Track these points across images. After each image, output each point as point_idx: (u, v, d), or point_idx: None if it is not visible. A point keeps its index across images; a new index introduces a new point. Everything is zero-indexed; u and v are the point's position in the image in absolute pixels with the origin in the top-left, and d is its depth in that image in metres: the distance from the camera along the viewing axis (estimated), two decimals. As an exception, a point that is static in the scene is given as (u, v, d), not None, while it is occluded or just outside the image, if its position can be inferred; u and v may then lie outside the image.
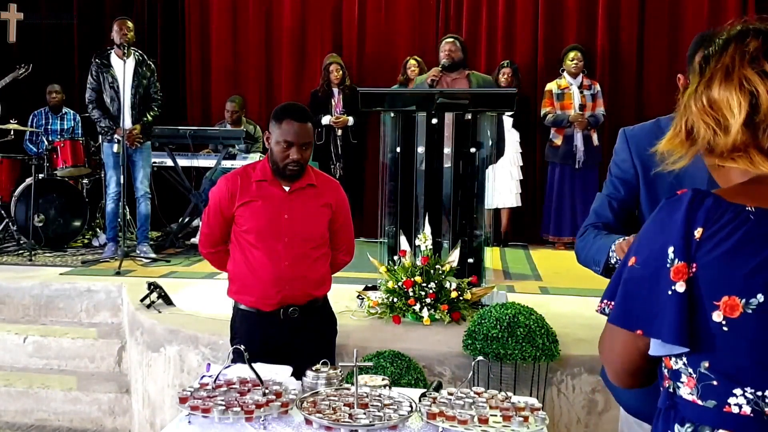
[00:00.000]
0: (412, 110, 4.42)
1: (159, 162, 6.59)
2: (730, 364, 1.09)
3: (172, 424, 2.20)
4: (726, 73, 1.12)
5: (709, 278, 1.08)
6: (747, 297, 1.07)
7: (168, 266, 5.75)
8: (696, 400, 1.13)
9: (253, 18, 8.17)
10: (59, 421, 4.50)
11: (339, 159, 7.09)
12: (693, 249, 1.09)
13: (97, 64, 5.98)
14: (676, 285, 1.09)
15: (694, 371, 1.13)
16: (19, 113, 7.13)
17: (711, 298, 1.08)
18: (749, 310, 1.07)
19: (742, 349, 1.08)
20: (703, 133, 1.14)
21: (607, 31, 7.25)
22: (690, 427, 1.14)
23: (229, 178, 2.96)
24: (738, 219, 1.08)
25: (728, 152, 1.12)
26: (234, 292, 2.99)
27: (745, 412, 1.09)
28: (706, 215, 1.09)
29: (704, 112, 1.13)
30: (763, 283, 1.06)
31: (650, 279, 1.12)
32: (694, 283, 1.09)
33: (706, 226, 1.09)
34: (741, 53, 1.12)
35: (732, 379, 1.09)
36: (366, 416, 2.12)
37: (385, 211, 4.54)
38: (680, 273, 1.09)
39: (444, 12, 7.68)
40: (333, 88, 7.08)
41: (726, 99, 1.11)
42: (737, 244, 1.07)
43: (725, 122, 1.11)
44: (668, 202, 1.15)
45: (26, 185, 6.43)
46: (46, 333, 4.71)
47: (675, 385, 1.17)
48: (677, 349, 1.12)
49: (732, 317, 1.07)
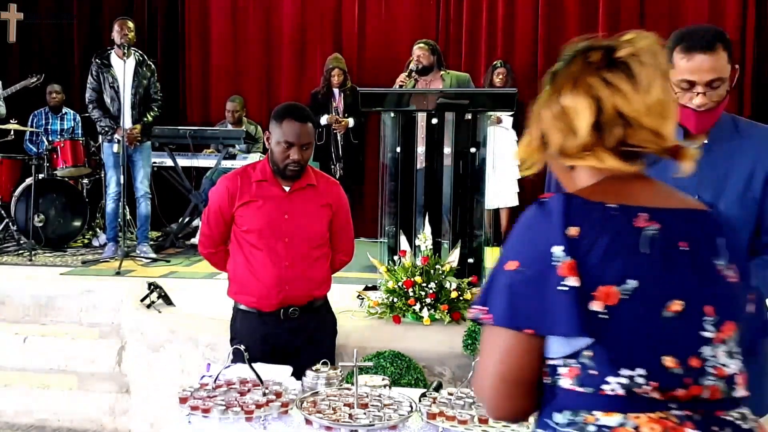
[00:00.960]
0: (412, 110, 4.42)
1: (159, 162, 6.59)
2: (611, 350, 1.17)
3: (172, 424, 2.21)
4: (573, 82, 1.24)
5: (586, 272, 1.16)
6: (621, 285, 1.16)
7: (168, 266, 5.75)
8: (576, 389, 1.19)
9: (253, 18, 8.17)
10: (59, 421, 4.50)
11: (339, 159, 7.08)
12: (572, 246, 1.17)
13: (98, 64, 5.98)
14: (567, 280, 1.16)
15: (576, 361, 1.19)
16: (19, 113, 7.13)
17: (589, 290, 1.16)
18: (625, 296, 1.16)
19: (622, 333, 1.17)
20: (555, 138, 1.25)
21: (607, 31, 7.22)
22: (568, 413, 1.20)
23: (229, 178, 2.96)
24: (604, 216, 1.19)
25: (578, 152, 1.23)
26: (234, 292, 2.99)
27: (618, 393, 1.17)
28: (578, 215, 1.18)
29: (556, 118, 1.25)
30: (634, 270, 1.17)
31: (537, 279, 1.18)
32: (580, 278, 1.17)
33: (580, 225, 1.18)
34: (585, 64, 1.24)
35: (611, 364, 1.17)
36: (366, 416, 2.12)
37: (385, 211, 4.54)
38: (570, 269, 1.16)
39: (444, 12, 7.68)
40: (333, 89, 7.08)
41: (574, 105, 1.22)
42: (607, 240, 1.17)
43: (574, 126, 1.22)
44: (539, 206, 1.22)
45: (26, 185, 6.42)
46: (46, 333, 4.71)
47: (554, 381, 1.22)
48: (581, 342, 1.17)
49: (610, 305, 1.16)
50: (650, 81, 1.21)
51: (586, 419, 1.18)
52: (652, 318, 1.18)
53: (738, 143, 2.01)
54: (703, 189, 1.98)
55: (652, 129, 1.21)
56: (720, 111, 1.99)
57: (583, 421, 1.19)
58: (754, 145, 2.01)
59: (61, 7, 8.44)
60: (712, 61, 1.91)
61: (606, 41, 1.26)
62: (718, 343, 1.20)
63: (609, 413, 1.17)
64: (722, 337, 1.21)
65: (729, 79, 1.95)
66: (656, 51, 1.24)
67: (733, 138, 2.02)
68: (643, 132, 1.21)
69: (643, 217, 1.20)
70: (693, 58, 1.91)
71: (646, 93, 1.21)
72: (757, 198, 1.98)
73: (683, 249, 1.21)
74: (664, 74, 1.24)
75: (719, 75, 1.92)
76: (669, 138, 1.23)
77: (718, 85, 1.93)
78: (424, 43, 5.77)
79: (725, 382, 1.21)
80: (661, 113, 1.22)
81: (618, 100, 1.21)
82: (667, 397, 1.18)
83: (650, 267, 1.18)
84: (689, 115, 1.97)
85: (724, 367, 1.21)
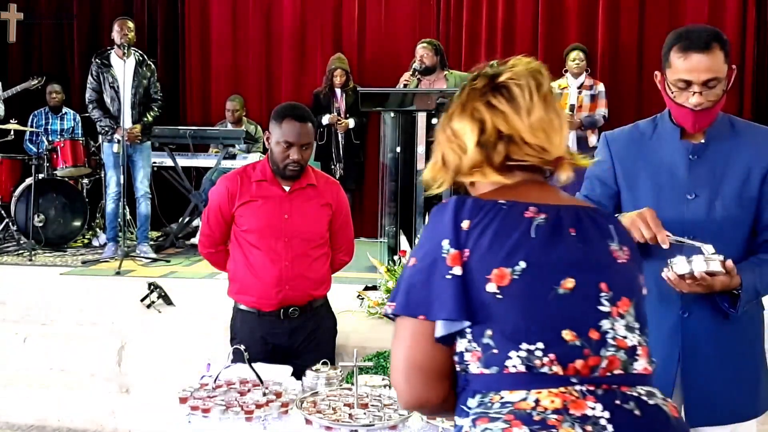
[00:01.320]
0: (412, 110, 4.42)
1: (159, 162, 6.58)
2: (508, 326, 1.26)
3: (172, 424, 2.21)
4: (462, 108, 1.38)
5: (479, 258, 1.27)
6: (512, 266, 1.26)
7: (168, 266, 5.75)
8: (483, 371, 1.27)
9: (253, 18, 8.17)
10: (59, 421, 4.50)
11: (340, 159, 7.08)
12: (463, 238, 1.28)
13: (98, 64, 5.98)
14: (453, 269, 1.27)
15: (479, 344, 1.27)
16: (19, 113, 7.13)
17: (483, 273, 1.27)
18: (516, 276, 1.26)
19: (516, 310, 1.26)
20: (450, 158, 1.38)
21: (607, 31, 7.25)
22: (479, 396, 1.27)
23: (229, 177, 2.96)
24: (494, 210, 1.30)
25: (469, 170, 1.35)
26: (234, 292, 2.99)
27: (521, 370, 1.24)
28: (470, 211, 1.30)
29: (449, 140, 1.38)
30: (522, 253, 1.27)
31: (428, 270, 1.29)
32: (467, 266, 1.27)
33: (471, 218, 1.29)
34: (472, 90, 1.38)
35: (510, 340, 1.25)
36: (366, 416, 2.12)
37: (385, 211, 4.54)
38: (455, 259, 1.27)
39: (444, 12, 7.67)
40: (336, 89, 7.08)
41: (462, 127, 1.36)
42: (497, 228, 1.28)
43: (464, 146, 1.35)
44: (437, 208, 1.34)
45: (26, 185, 6.42)
46: (46, 333, 4.71)
47: (464, 367, 1.30)
48: (458, 325, 1.27)
49: (503, 285, 1.26)
50: (530, 101, 1.33)
51: (492, 399, 1.26)
52: (545, 295, 1.27)
53: (735, 143, 2.03)
54: (700, 188, 1.99)
55: (536, 144, 1.32)
56: (717, 110, 2.01)
57: (490, 400, 1.25)
58: (751, 145, 2.02)
59: (61, 7, 8.44)
60: (708, 61, 1.92)
61: (492, 69, 1.40)
62: (616, 317, 1.29)
63: (513, 391, 1.24)
64: (619, 312, 1.29)
65: (726, 78, 1.96)
66: (536, 74, 1.37)
67: (729, 138, 2.04)
68: (526, 147, 1.32)
69: (532, 210, 1.31)
70: (689, 57, 1.92)
71: (527, 113, 1.33)
72: (754, 197, 1.99)
73: (572, 234, 1.31)
74: (545, 94, 1.35)
75: (715, 75, 1.93)
76: (554, 152, 1.34)
77: (714, 84, 1.94)
78: (428, 43, 5.76)
79: (626, 353, 1.28)
80: (545, 129, 1.33)
81: (498, 121, 1.33)
82: (568, 373, 1.24)
83: (539, 250, 1.28)
84: (686, 114, 1.98)
85: (624, 339, 1.28)
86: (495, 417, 1.23)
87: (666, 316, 2.02)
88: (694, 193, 2.00)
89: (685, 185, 2.01)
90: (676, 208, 2.00)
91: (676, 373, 2.01)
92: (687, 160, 2.02)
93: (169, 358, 4.02)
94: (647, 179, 2.06)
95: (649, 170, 2.07)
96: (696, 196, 2.00)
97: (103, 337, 4.67)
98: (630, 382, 1.27)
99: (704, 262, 1.83)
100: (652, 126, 2.13)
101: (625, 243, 1.36)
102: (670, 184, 2.03)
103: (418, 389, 1.30)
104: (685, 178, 2.02)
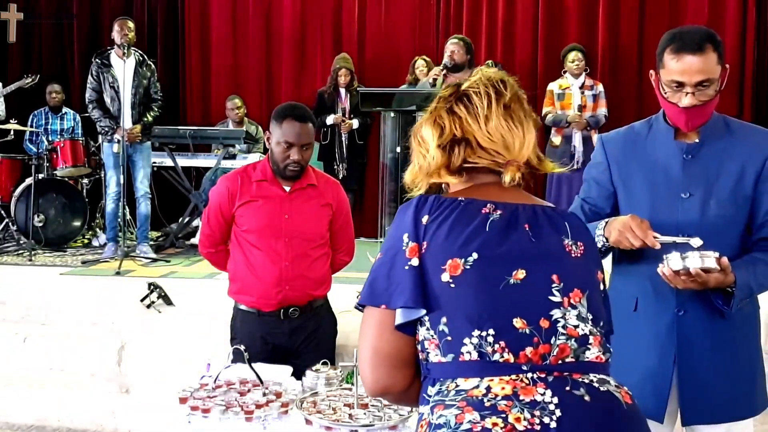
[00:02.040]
0: (412, 110, 4.42)
1: (159, 162, 6.58)
2: (461, 313, 1.32)
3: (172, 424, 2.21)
4: (430, 115, 1.48)
5: (435, 250, 1.35)
6: (465, 257, 1.34)
7: (168, 266, 5.75)
8: (441, 360, 1.33)
9: (253, 18, 8.17)
10: (59, 421, 4.50)
11: (343, 160, 7.07)
12: (422, 232, 1.37)
13: (98, 64, 5.98)
14: (411, 260, 1.36)
15: (435, 332, 1.34)
16: (19, 113, 7.13)
17: (438, 264, 1.34)
18: (468, 266, 1.33)
19: (469, 298, 1.32)
20: (420, 161, 1.47)
21: (607, 31, 7.25)
22: (438, 384, 1.34)
23: (230, 177, 2.96)
24: (452, 205, 1.38)
25: (434, 172, 1.44)
26: (234, 292, 2.99)
27: (474, 358, 1.31)
28: (430, 207, 1.39)
29: (419, 144, 1.48)
30: (475, 245, 1.34)
31: (390, 262, 1.38)
32: (424, 258, 1.36)
33: (431, 214, 1.37)
34: (440, 99, 1.48)
35: (463, 327, 1.31)
36: (366, 416, 2.12)
37: (385, 211, 4.54)
38: (414, 251, 1.36)
39: (444, 12, 7.67)
40: (340, 88, 7.08)
41: (426, 133, 1.46)
42: (453, 222, 1.36)
43: (428, 149, 1.45)
44: (402, 206, 1.43)
45: (26, 185, 6.42)
46: (46, 333, 4.71)
47: (425, 356, 1.36)
48: (415, 313, 1.34)
49: (456, 275, 1.33)
50: (487, 109, 1.41)
51: (449, 387, 1.32)
52: (497, 284, 1.33)
53: (729, 142, 2.04)
54: (694, 187, 2.01)
55: (491, 149, 1.40)
56: (710, 109, 2.03)
57: (447, 388, 1.32)
58: (745, 145, 2.04)
59: (61, 7, 8.44)
60: (700, 62, 1.94)
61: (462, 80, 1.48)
62: (567, 307, 1.34)
63: (467, 379, 1.31)
64: (571, 302, 1.35)
65: (719, 79, 1.97)
66: (497, 83, 1.44)
67: (724, 137, 2.05)
68: (480, 151, 1.41)
69: (490, 207, 1.39)
70: (682, 59, 1.94)
71: (485, 119, 1.41)
72: (748, 196, 2.00)
73: (526, 229, 1.38)
74: (507, 103, 1.42)
75: (708, 76, 1.95)
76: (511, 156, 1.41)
77: (707, 85, 1.96)
78: (460, 39, 5.59)
79: (576, 342, 1.33)
80: (503, 134, 1.41)
81: (456, 126, 1.42)
82: (519, 361, 1.30)
83: (491, 242, 1.35)
84: (679, 113, 2.00)
85: (575, 328, 1.33)
86: (450, 404, 1.29)
87: (661, 314, 2.03)
88: (688, 192, 2.01)
89: (680, 184, 2.03)
90: (671, 207, 2.02)
91: (672, 371, 2.02)
92: (681, 159, 2.03)
93: (169, 358, 4.02)
94: (642, 179, 2.08)
95: (644, 170, 2.09)
96: (690, 195, 2.01)
97: (103, 337, 4.67)
98: (582, 370, 1.32)
99: (699, 258, 1.84)
100: (647, 127, 2.14)
101: (580, 239, 1.41)
102: (664, 184, 2.04)
103: (382, 376, 1.37)
104: (680, 178, 2.03)
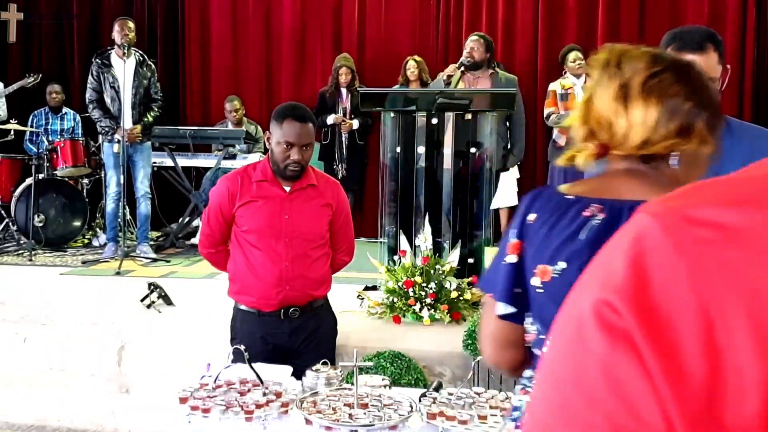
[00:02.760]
0: (412, 110, 4.42)
1: (159, 162, 6.59)
2: (546, 317, 1.35)
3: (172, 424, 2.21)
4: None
5: (531, 252, 1.37)
6: (554, 264, 1.34)
7: (168, 266, 5.75)
8: (535, 351, 1.41)
9: (253, 18, 8.17)
10: (59, 421, 4.50)
11: (343, 160, 7.07)
12: (525, 230, 1.39)
13: (98, 64, 5.99)
14: (509, 257, 1.40)
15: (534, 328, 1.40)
16: (19, 113, 7.13)
17: (531, 267, 1.37)
18: (555, 274, 1.34)
19: (553, 304, 1.32)
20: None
21: (607, 31, 7.25)
22: (530, 371, 1.43)
23: (230, 178, 2.96)
24: (558, 205, 1.36)
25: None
26: (234, 292, 2.99)
27: None
28: (540, 204, 1.38)
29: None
30: (565, 253, 1.33)
31: (499, 254, 1.43)
32: (522, 257, 1.39)
33: (538, 212, 1.37)
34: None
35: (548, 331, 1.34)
36: (366, 416, 2.12)
37: (385, 211, 4.53)
38: (514, 248, 1.39)
39: (444, 12, 7.67)
40: (341, 88, 7.08)
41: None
42: (553, 225, 1.35)
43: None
44: (525, 196, 1.45)
45: (26, 185, 6.42)
46: (46, 333, 4.71)
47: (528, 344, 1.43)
48: (511, 309, 1.40)
49: (545, 281, 1.35)
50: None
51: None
52: None
53: (729, 142, 2.04)
54: None
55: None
56: None
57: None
58: (746, 144, 2.04)
59: (61, 7, 8.44)
60: (701, 61, 1.95)
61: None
62: None
63: None
64: None
65: (720, 78, 1.98)
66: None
67: (724, 136, 2.05)
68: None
69: (594, 208, 1.34)
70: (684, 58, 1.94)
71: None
72: None
73: None
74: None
75: (709, 75, 1.95)
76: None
77: None
78: (480, 36, 5.52)
79: None
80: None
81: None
82: None
83: (581, 252, 1.32)
84: None
85: None
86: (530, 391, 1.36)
87: None
88: None
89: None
90: None
91: None
92: None
93: (169, 358, 4.02)
94: None
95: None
96: None
97: (103, 337, 4.67)
98: None
99: None
100: None
101: None
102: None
103: (491, 353, 1.48)
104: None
